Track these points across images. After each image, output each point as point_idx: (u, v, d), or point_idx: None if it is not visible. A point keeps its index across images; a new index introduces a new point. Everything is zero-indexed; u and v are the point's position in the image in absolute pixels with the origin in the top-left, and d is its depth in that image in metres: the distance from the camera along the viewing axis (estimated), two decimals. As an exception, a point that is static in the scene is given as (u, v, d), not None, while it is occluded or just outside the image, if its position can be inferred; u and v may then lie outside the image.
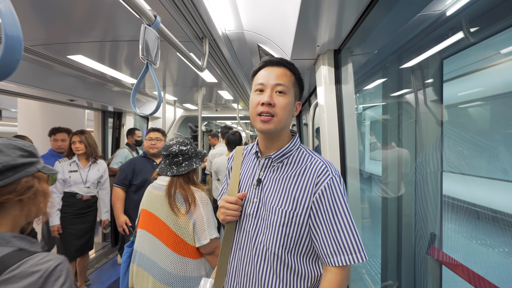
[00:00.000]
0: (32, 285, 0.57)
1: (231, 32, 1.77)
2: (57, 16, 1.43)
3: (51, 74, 2.44)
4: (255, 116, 0.86)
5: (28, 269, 0.58)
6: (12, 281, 0.56)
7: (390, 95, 1.71)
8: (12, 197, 0.65)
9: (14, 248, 0.63)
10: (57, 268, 0.61)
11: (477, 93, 1.47)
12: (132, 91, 0.90)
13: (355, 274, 1.81)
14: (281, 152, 0.89)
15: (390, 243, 1.64)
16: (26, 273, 0.58)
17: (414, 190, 1.49)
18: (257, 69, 0.91)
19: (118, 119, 4.08)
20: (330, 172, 0.83)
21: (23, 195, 0.67)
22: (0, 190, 0.63)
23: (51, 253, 0.64)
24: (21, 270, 0.58)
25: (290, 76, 0.87)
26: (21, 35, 0.40)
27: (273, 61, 0.88)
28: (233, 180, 0.97)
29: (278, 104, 0.84)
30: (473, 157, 1.32)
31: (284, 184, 0.86)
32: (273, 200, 0.86)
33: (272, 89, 0.84)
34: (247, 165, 0.98)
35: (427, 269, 1.41)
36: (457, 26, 1.23)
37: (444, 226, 1.37)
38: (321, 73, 1.57)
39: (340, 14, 1.12)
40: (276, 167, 0.90)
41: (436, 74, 1.41)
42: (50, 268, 0.60)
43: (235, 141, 2.90)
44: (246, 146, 1.06)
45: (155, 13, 0.91)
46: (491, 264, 1.67)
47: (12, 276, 0.57)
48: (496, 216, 1.43)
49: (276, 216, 0.83)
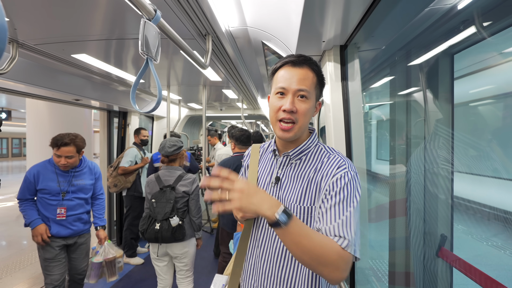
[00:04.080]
0: (190, 182, 2.05)
1: (234, 29, 1.74)
2: (59, 14, 1.42)
3: (57, 73, 2.46)
4: (275, 121, 0.85)
5: (188, 177, 2.06)
6: (186, 179, 2.05)
7: (398, 93, 1.66)
8: (178, 156, 2.13)
9: (181, 171, 2.12)
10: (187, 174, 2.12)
11: (490, 90, 1.42)
12: (132, 87, 0.88)
13: (362, 276, 1.76)
14: (299, 149, 0.88)
15: (397, 244, 1.59)
16: (188, 178, 2.06)
17: (424, 190, 1.44)
18: (277, 67, 0.87)
19: (123, 119, 4.10)
20: (348, 168, 0.82)
21: (183, 153, 2.18)
22: (180, 153, 2.13)
23: (190, 173, 2.11)
24: (187, 177, 2.06)
25: (313, 77, 0.84)
26: (6, 24, 0.38)
27: (294, 61, 0.84)
28: (251, 178, 0.97)
29: (300, 110, 0.82)
30: (484, 157, 1.27)
31: (302, 180, 0.85)
32: (291, 197, 0.85)
33: (294, 94, 0.82)
34: (264, 163, 0.98)
35: (437, 272, 1.36)
36: (469, 19, 1.18)
37: (455, 227, 1.32)
38: (327, 70, 1.53)
39: (346, 8, 1.09)
40: (294, 164, 0.89)
41: (447, 70, 1.36)
42: (193, 177, 2.09)
43: (259, 140, 2.91)
44: (263, 144, 1.06)
45: (155, 7, 0.89)
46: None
47: (186, 178, 2.06)
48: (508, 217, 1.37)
49: (296, 213, 0.83)
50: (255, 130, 3.43)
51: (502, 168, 1.18)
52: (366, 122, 2.76)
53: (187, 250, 2.06)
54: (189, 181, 2.05)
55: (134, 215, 3.45)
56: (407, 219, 1.54)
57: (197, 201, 2.07)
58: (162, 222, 1.89)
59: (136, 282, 2.98)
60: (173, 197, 1.94)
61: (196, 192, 2.07)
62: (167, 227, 1.89)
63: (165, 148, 2.05)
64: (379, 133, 3.20)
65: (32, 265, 3.44)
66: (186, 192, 2.01)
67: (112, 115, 3.99)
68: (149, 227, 1.91)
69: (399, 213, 1.59)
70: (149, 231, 1.91)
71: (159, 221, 1.90)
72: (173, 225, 1.89)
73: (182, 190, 2.00)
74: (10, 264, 3.47)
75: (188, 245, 2.06)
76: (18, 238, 4.58)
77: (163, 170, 2.09)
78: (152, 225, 1.91)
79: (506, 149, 1.21)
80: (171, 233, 1.90)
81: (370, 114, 2.75)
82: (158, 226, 1.89)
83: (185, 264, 2.08)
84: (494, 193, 1.29)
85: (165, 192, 1.97)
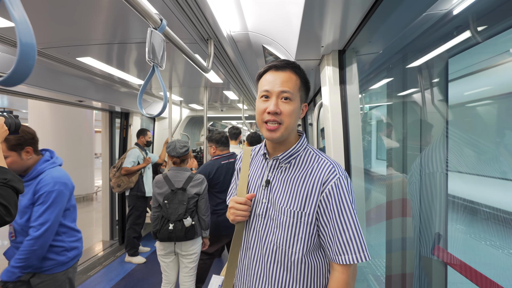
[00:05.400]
0: (200, 182, 2.13)
1: (236, 34, 1.78)
2: (66, 20, 1.47)
3: (60, 75, 2.50)
4: (262, 123, 0.87)
5: (197, 178, 2.11)
6: (195, 180, 2.11)
7: (395, 95, 1.70)
8: (188, 156, 2.21)
9: (190, 172, 2.15)
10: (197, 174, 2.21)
11: (484, 92, 1.46)
12: (139, 92, 0.92)
13: (360, 274, 1.81)
14: (288, 153, 0.90)
15: (394, 243, 1.63)
16: (197, 178, 2.11)
17: (419, 190, 1.48)
18: (261, 72, 0.91)
19: (125, 120, 4.14)
20: (337, 172, 0.85)
21: (189, 156, 2.23)
22: (188, 154, 2.19)
23: (198, 174, 2.19)
24: (196, 178, 2.12)
25: (296, 80, 0.87)
26: (34, 42, 0.42)
27: (277, 65, 0.88)
28: (242, 181, 1.00)
29: (284, 111, 0.84)
30: (480, 157, 1.31)
31: (292, 184, 0.87)
32: (281, 200, 0.87)
33: (278, 96, 0.85)
34: (255, 166, 1.00)
35: (432, 270, 1.40)
36: (463, 25, 1.22)
37: (453, 226, 1.36)
38: (325, 74, 1.57)
39: (345, 14, 1.13)
40: (284, 167, 0.91)
41: (442, 73, 1.40)
42: (201, 177, 2.15)
43: (258, 140, 3.32)
44: (254, 148, 1.08)
45: (161, 16, 0.93)
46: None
47: (195, 179, 2.11)
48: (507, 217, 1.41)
49: (285, 216, 0.85)
50: (254, 131, 3.57)
51: (494, 167, 1.22)
52: (366, 123, 2.80)
53: (195, 248, 2.12)
54: (199, 181, 2.11)
55: (137, 215, 3.49)
56: (403, 218, 1.58)
57: (206, 200, 2.14)
58: (176, 223, 1.97)
59: (138, 281, 3.03)
60: (186, 198, 2.00)
61: (205, 191, 2.13)
62: (181, 227, 1.96)
63: (177, 149, 2.10)
64: (377, 134, 3.25)
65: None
66: (197, 193, 2.08)
67: (114, 116, 4.03)
68: (163, 228, 1.97)
69: (395, 212, 1.63)
70: (163, 231, 1.97)
71: (173, 222, 1.96)
72: (187, 226, 1.97)
73: (193, 192, 2.06)
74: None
75: (196, 243, 2.13)
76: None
77: (172, 170, 2.13)
78: (165, 226, 1.97)
79: (500, 149, 1.25)
80: (184, 233, 1.98)
81: (369, 115, 2.80)
82: (172, 226, 1.95)
83: (191, 260, 2.13)
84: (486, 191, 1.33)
85: (177, 194, 2.02)
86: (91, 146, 7.17)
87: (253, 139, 3.36)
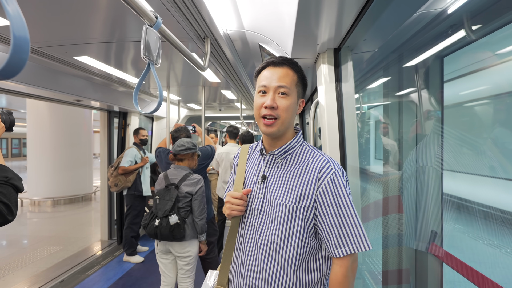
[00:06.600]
0: (195, 182, 2.06)
1: (232, 32, 1.79)
2: (63, 18, 1.47)
3: (58, 74, 2.50)
4: (259, 118, 0.89)
5: (193, 177, 2.07)
6: (190, 179, 2.06)
7: (390, 93, 1.71)
8: (187, 156, 2.15)
9: (188, 171, 2.13)
10: (194, 175, 2.14)
11: (480, 91, 1.47)
12: (135, 89, 0.93)
13: (357, 272, 1.81)
14: (284, 149, 0.92)
15: (391, 240, 1.64)
16: (193, 178, 2.07)
17: (415, 188, 1.49)
18: (260, 69, 0.93)
19: (123, 119, 4.15)
20: (333, 167, 0.86)
21: (193, 155, 2.20)
22: (189, 154, 2.16)
23: (195, 174, 2.14)
24: (192, 177, 2.07)
25: (293, 75, 0.89)
26: (28, 36, 0.43)
27: (275, 62, 0.90)
28: (238, 177, 1.01)
29: (281, 106, 0.86)
30: (474, 156, 1.32)
31: (288, 179, 0.89)
32: (277, 195, 0.89)
33: (275, 91, 0.87)
34: (252, 162, 1.02)
35: (428, 267, 1.41)
36: (458, 24, 1.23)
37: (450, 225, 1.37)
38: (321, 72, 1.58)
39: (339, 12, 1.13)
40: (280, 163, 0.93)
41: (436, 71, 1.41)
42: (198, 177, 2.09)
43: (250, 140, 3.40)
44: (252, 145, 1.10)
45: (156, 14, 0.94)
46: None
47: (190, 178, 2.06)
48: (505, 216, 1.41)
49: (281, 210, 0.87)
50: (246, 130, 3.65)
51: (487, 166, 1.23)
52: (361, 122, 2.81)
53: (189, 251, 2.06)
54: (194, 181, 2.05)
55: (135, 214, 3.50)
56: (399, 216, 1.59)
57: (200, 201, 2.05)
58: (162, 219, 1.93)
59: (136, 280, 3.03)
60: (175, 195, 1.98)
61: (200, 192, 2.05)
62: (166, 224, 1.92)
63: (175, 146, 2.13)
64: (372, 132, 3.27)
65: (33, 264, 3.48)
66: (189, 192, 2.03)
67: (112, 115, 4.03)
68: (150, 223, 1.97)
69: (392, 209, 1.65)
70: (149, 226, 1.96)
71: (159, 218, 1.94)
72: (171, 223, 1.92)
73: (185, 190, 2.03)
74: (12, 263, 3.52)
75: (190, 246, 2.06)
76: (19, 237, 4.63)
77: (172, 168, 2.14)
78: (152, 221, 1.96)
79: (494, 147, 1.26)
80: (169, 231, 1.91)
81: (365, 114, 2.82)
82: (158, 222, 1.93)
83: (186, 263, 2.09)
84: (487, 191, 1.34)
85: (169, 190, 2.01)
86: (89, 146, 7.16)
87: (245, 138, 3.39)
